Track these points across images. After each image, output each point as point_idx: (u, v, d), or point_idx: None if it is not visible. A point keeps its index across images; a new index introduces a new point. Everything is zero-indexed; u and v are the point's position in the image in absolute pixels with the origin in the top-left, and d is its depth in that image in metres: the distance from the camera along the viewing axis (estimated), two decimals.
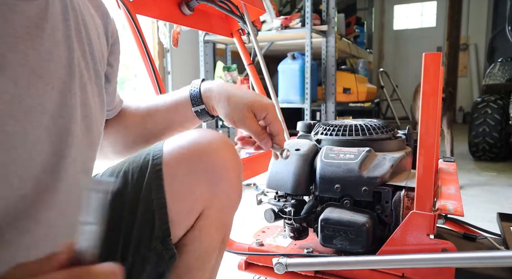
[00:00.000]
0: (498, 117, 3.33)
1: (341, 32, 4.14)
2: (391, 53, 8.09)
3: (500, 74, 3.59)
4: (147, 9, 1.00)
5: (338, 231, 0.74)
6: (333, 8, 3.40)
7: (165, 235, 0.60)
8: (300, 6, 4.16)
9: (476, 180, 2.75)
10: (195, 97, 0.69)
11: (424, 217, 0.66)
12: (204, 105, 0.69)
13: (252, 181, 2.48)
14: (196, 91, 0.69)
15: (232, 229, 0.71)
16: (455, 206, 0.64)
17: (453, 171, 0.91)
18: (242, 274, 0.93)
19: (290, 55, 3.38)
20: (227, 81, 3.69)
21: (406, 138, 0.92)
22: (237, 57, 2.29)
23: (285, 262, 0.78)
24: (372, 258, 0.70)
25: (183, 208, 0.61)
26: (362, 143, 0.84)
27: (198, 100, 0.69)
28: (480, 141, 3.38)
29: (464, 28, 7.34)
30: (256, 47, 1.24)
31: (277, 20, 3.30)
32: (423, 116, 0.64)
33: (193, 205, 0.62)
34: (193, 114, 0.70)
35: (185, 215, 0.62)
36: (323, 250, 0.83)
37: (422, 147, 0.64)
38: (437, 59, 0.62)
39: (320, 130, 0.91)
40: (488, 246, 0.83)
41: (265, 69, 1.28)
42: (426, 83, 0.63)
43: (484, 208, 2.08)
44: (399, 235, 0.69)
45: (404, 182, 0.75)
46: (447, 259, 0.63)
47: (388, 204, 0.75)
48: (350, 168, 0.76)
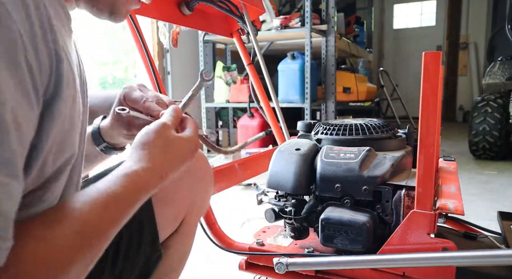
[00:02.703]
0: (498, 116, 3.33)
1: (341, 32, 4.14)
2: (391, 52, 8.09)
3: (500, 72, 3.59)
4: (147, 10, 1.00)
5: (338, 231, 0.74)
6: (332, 7, 3.40)
7: (154, 238, 0.64)
8: (300, 5, 4.16)
9: (476, 179, 2.75)
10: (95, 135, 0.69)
11: (424, 216, 0.66)
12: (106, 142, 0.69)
13: (252, 181, 2.48)
14: (95, 129, 0.69)
15: (232, 229, 0.75)
16: (456, 205, 0.64)
17: (453, 170, 0.91)
18: (242, 274, 0.93)
19: (289, 54, 3.38)
20: (226, 81, 3.69)
21: (406, 137, 0.92)
22: (236, 57, 2.29)
23: (286, 262, 0.78)
24: (372, 258, 0.70)
25: (170, 213, 0.66)
26: (362, 143, 0.84)
27: (98, 138, 0.69)
28: (480, 139, 3.38)
29: (464, 26, 7.34)
30: (256, 47, 1.24)
31: (276, 19, 3.30)
32: (423, 115, 0.64)
33: (179, 210, 0.67)
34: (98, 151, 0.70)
35: (172, 221, 0.67)
36: (323, 250, 0.83)
37: (422, 146, 0.64)
38: (437, 58, 0.62)
39: (320, 130, 0.91)
40: (488, 245, 0.83)
41: (264, 69, 1.28)
42: (426, 82, 0.63)
43: (484, 207, 2.08)
44: (399, 234, 0.69)
45: (404, 181, 0.75)
46: (447, 258, 0.63)
47: (389, 203, 0.75)
48: (351, 168, 0.76)
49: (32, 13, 0.34)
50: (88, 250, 0.39)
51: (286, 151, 0.86)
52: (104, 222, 0.41)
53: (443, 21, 7.55)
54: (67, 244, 0.36)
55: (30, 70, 0.33)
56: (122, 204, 0.43)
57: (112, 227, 0.42)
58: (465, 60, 7.38)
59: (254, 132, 3.54)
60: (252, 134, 3.37)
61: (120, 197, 0.43)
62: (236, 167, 1.06)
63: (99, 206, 0.40)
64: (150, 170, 0.48)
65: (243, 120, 3.76)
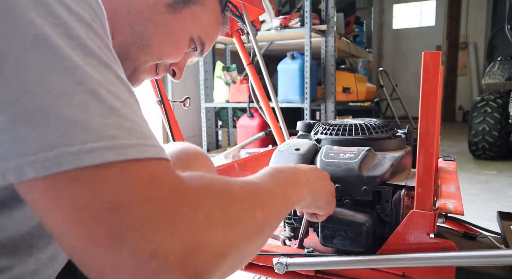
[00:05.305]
0: (498, 116, 3.33)
1: (341, 32, 4.14)
2: (390, 52, 8.10)
3: (499, 73, 3.59)
4: None
5: (338, 231, 0.74)
6: (332, 7, 3.40)
7: None
8: (299, 5, 4.16)
9: (476, 179, 2.75)
10: None
11: (424, 216, 0.66)
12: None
13: None
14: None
15: None
16: (455, 205, 0.64)
17: (453, 170, 0.91)
18: (242, 274, 0.93)
19: (289, 54, 3.38)
20: (226, 81, 3.69)
21: (406, 137, 0.92)
22: (236, 57, 2.29)
23: (286, 262, 0.78)
24: (372, 258, 0.70)
25: None
26: (362, 143, 0.84)
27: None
28: (480, 139, 3.39)
29: (464, 26, 7.34)
30: (256, 47, 1.24)
31: (276, 19, 3.30)
32: (423, 115, 0.64)
33: None
34: None
35: None
36: (323, 250, 0.83)
37: (422, 146, 0.64)
38: (437, 58, 0.62)
39: (320, 130, 0.91)
40: (488, 245, 0.83)
41: (264, 69, 1.28)
42: (425, 82, 0.63)
43: (484, 206, 2.08)
44: (399, 234, 0.69)
45: (404, 181, 0.75)
46: (447, 258, 0.63)
47: (388, 203, 0.75)
48: (350, 168, 0.76)
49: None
50: (256, 215, 0.39)
51: (285, 151, 0.86)
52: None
53: (443, 21, 7.56)
54: (240, 195, 0.38)
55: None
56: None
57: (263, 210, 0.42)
58: (464, 60, 7.38)
59: (253, 132, 3.54)
60: (252, 134, 3.37)
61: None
62: (236, 167, 1.06)
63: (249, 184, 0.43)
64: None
65: (243, 120, 3.76)
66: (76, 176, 0.28)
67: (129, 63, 0.58)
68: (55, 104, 0.28)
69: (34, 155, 0.27)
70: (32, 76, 0.28)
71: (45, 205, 0.28)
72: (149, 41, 0.57)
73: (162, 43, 0.59)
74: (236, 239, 0.34)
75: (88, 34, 0.33)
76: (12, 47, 0.28)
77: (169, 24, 0.58)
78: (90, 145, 0.28)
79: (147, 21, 0.56)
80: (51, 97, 0.28)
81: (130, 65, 0.58)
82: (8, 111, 0.27)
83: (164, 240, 0.28)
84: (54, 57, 0.30)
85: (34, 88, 0.28)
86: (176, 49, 0.62)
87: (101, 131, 0.29)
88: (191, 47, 0.64)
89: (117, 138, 0.30)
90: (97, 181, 0.28)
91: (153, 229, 0.28)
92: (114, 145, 0.29)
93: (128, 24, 0.55)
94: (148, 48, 0.58)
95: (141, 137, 0.32)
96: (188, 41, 0.63)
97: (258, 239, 0.40)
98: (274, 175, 0.49)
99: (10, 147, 0.27)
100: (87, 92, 0.30)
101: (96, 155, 0.28)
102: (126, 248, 0.27)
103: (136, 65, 0.59)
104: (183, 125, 2.80)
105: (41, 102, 0.28)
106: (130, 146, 0.30)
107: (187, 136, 3.91)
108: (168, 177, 0.32)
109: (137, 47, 0.57)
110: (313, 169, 0.63)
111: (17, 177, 0.28)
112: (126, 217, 0.28)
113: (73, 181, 0.28)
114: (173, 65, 0.67)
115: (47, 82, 0.29)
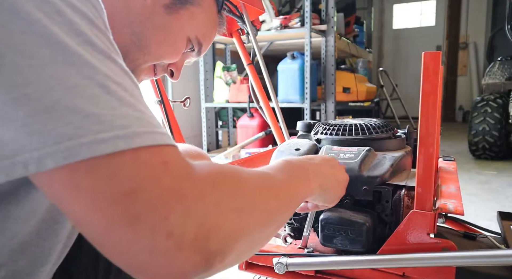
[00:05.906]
0: (498, 115, 3.33)
1: (341, 32, 4.14)
2: (390, 52, 8.09)
3: (499, 73, 3.60)
4: None
5: (338, 231, 0.74)
6: (332, 7, 3.40)
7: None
8: (299, 5, 4.16)
9: (476, 179, 2.75)
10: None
11: (424, 216, 0.66)
12: None
13: None
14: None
15: None
16: (455, 205, 0.64)
17: (453, 170, 0.91)
18: (242, 274, 0.93)
19: (289, 54, 3.38)
20: (226, 81, 3.69)
21: (406, 137, 0.92)
22: (236, 57, 2.30)
23: (286, 262, 0.78)
24: (372, 258, 0.70)
25: None
26: (362, 143, 0.84)
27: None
28: (480, 139, 3.39)
29: (464, 26, 7.34)
30: (256, 47, 1.24)
31: (276, 19, 3.30)
32: (423, 115, 0.64)
33: None
34: None
35: None
36: (323, 250, 0.83)
37: (422, 146, 0.64)
38: (437, 58, 0.62)
39: (320, 130, 0.91)
40: (488, 245, 0.83)
41: (264, 69, 1.28)
42: (425, 82, 0.63)
43: (484, 206, 2.08)
44: (399, 234, 0.69)
45: (404, 181, 0.75)
46: (447, 258, 0.63)
47: (388, 203, 0.75)
48: (350, 168, 0.76)
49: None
50: (268, 203, 0.41)
51: (285, 151, 0.86)
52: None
53: (443, 21, 7.56)
54: (253, 184, 0.40)
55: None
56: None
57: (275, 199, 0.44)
58: (464, 60, 7.38)
59: (253, 132, 3.54)
60: (252, 134, 3.37)
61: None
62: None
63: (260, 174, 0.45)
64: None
65: (243, 120, 3.76)
66: (93, 165, 0.30)
67: (128, 64, 0.58)
68: (69, 97, 0.30)
69: (52, 146, 0.29)
70: (46, 71, 0.30)
71: (64, 194, 0.30)
72: (147, 41, 0.58)
73: (161, 44, 0.59)
74: (247, 225, 0.37)
75: (92, 30, 0.35)
76: (24, 45, 0.30)
77: (166, 24, 0.59)
78: (102, 135, 0.30)
79: (146, 22, 0.56)
80: (65, 91, 0.30)
81: (129, 65, 0.58)
82: (26, 106, 0.29)
83: (177, 222, 0.31)
84: (64, 53, 0.32)
85: (49, 83, 0.30)
86: (174, 49, 0.62)
87: (111, 122, 0.31)
88: (189, 48, 0.65)
89: (127, 127, 0.32)
90: (112, 169, 0.30)
91: (166, 212, 0.30)
92: (125, 134, 0.31)
93: (127, 25, 0.55)
94: (147, 49, 0.58)
95: (149, 126, 0.33)
96: (186, 42, 0.63)
97: (268, 228, 0.42)
98: (285, 167, 0.52)
99: (29, 140, 0.29)
100: (97, 84, 0.32)
101: (108, 144, 0.30)
102: (142, 229, 0.30)
103: (135, 65, 0.59)
104: (183, 125, 2.79)
105: (56, 96, 0.30)
106: (140, 134, 0.32)
107: (187, 136, 3.91)
108: (178, 162, 0.34)
109: (136, 47, 0.57)
110: (326, 160, 0.66)
111: (37, 168, 0.29)
112: (140, 201, 0.30)
113: (90, 170, 0.30)
114: (171, 65, 0.67)
115: (60, 76, 0.31)
